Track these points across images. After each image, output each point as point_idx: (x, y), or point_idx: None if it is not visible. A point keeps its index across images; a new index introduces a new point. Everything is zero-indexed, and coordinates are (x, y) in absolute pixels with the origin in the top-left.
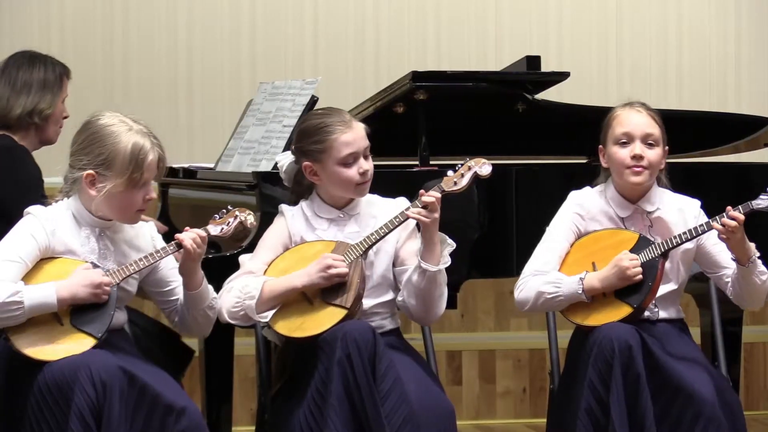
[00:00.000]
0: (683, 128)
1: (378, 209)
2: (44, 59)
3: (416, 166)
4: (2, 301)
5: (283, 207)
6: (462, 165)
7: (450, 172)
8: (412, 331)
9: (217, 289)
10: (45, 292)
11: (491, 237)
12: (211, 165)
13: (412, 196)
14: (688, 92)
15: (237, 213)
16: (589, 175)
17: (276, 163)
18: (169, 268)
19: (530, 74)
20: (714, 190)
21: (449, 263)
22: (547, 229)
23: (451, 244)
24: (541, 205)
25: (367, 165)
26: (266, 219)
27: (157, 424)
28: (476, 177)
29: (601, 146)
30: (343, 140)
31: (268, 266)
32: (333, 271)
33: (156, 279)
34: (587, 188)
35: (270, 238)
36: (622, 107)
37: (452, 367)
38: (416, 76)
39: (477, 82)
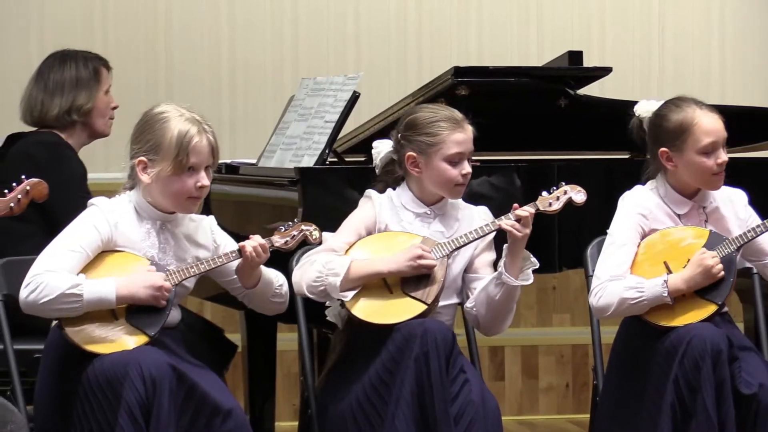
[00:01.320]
0: (735, 123)
1: (462, 213)
2: (75, 56)
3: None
4: (61, 293)
5: (372, 192)
6: (558, 188)
7: (545, 193)
8: (454, 326)
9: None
10: (105, 288)
11: (533, 233)
12: (254, 161)
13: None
14: (731, 87)
15: (303, 227)
16: (630, 171)
17: (320, 157)
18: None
19: (572, 69)
20: (755, 184)
21: (530, 281)
22: (610, 232)
23: (533, 263)
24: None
25: (469, 168)
26: (308, 214)
27: (204, 423)
28: (570, 202)
29: (665, 149)
30: (454, 138)
31: (350, 247)
32: (422, 261)
33: (219, 271)
34: (639, 187)
35: (355, 220)
36: (693, 112)
37: (495, 362)
38: (458, 71)
39: (519, 78)
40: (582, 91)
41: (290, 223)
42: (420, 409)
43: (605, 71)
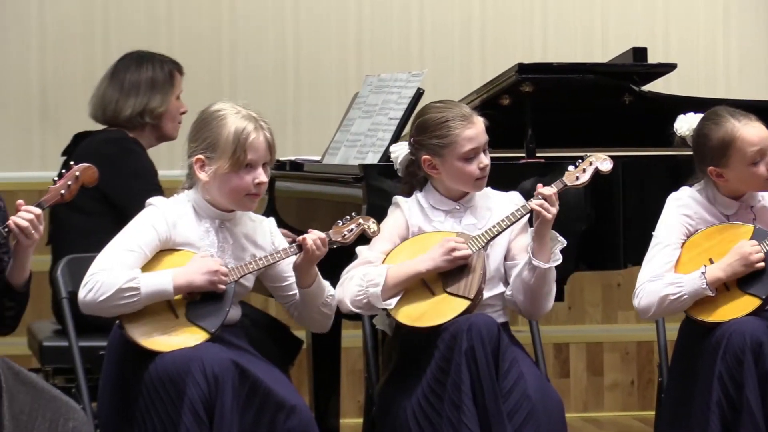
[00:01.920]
0: None
1: (493, 202)
2: (152, 58)
3: (522, 158)
4: (119, 287)
5: (399, 198)
6: (583, 160)
7: (571, 167)
8: (519, 323)
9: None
10: (162, 279)
11: (598, 229)
12: (318, 158)
13: (516, 188)
14: None
15: (360, 220)
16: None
17: (384, 154)
18: (287, 263)
19: (637, 66)
20: None
21: (560, 261)
22: (655, 233)
23: (561, 242)
24: (648, 197)
25: (486, 160)
26: (372, 212)
27: (268, 420)
28: (597, 172)
29: (713, 167)
30: (465, 136)
31: (386, 256)
32: (457, 253)
33: (274, 274)
34: (686, 188)
35: (387, 229)
36: (732, 126)
37: (559, 359)
38: (522, 68)
39: (583, 74)
40: (647, 88)
41: (348, 217)
42: (474, 405)
43: (670, 67)
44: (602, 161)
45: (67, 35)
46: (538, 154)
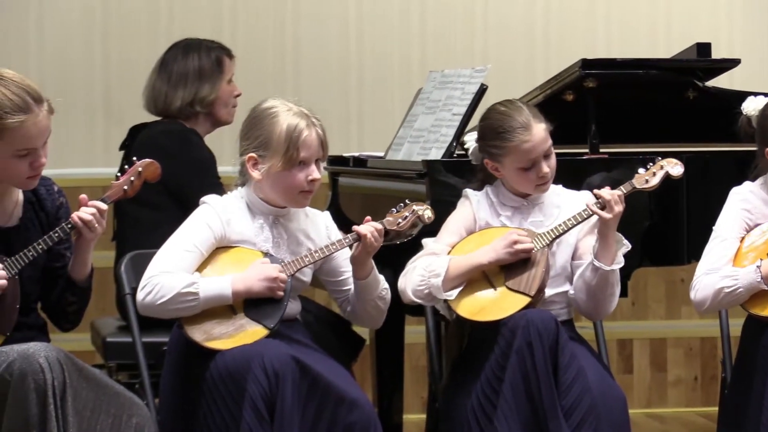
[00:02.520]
0: None
1: (562, 200)
2: (199, 46)
3: (585, 154)
4: (178, 292)
5: (468, 192)
6: (654, 163)
7: (641, 170)
8: (582, 319)
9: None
10: (221, 284)
11: (662, 225)
12: (381, 153)
13: (580, 184)
14: None
15: (414, 207)
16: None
17: (448, 150)
18: (343, 258)
19: (700, 61)
20: None
21: (622, 264)
22: (715, 228)
23: (626, 245)
24: (712, 193)
25: (546, 167)
26: (436, 207)
27: (329, 414)
28: (667, 177)
29: None
30: (523, 149)
31: (452, 249)
32: (519, 246)
33: (330, 268)
34: (747, 183)
35: (454, 222)
36: None
37: (623, 355)
38: (586, 63)
39: (647, 70)
40: (710, 83)
41: (402, 204)
42: (528, 400)
43: (733, 63)
44: (673, 166)
45: (131, 31)
46: (601, 150)
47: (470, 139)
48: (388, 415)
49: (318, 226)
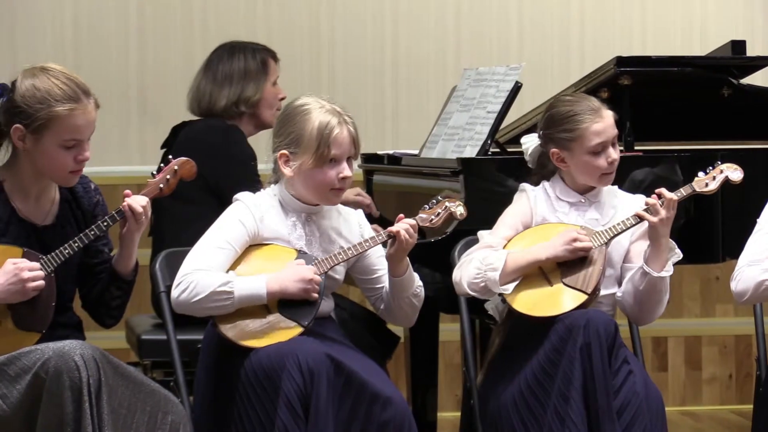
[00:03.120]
0: None
1: (619, 201)
2: (244, 48)
3: (621, 151)
4: (212, 291)
5: (526, 186)
6: (713, 167)
7: (701, 173)
8: (617, 317)
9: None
10: (255, 284)
11: (697, 223)
12: (416, 151)
13: (615, 182)
14: None
15: (447, 203)
16: None
17: (482, 148)
18: (377, 256)
19: (735, 59)
20: None
21: (671, 272)
22: (759, 220)
23: (677, 254)
24: (746, 190)
25: (615, 154)
26: (471, 205)
27: (363, 412)
28: (727, 181)
29: None
30: (593, 130)
31: (507, 242)
32: (578, 244)
33: (363, 266)
34: None
35: (511, 216)
36: None
37: (658, 353)
38: (621, 61)
39: (682, 67)
40: (745, 81)
41: (434, 200)
42: (583, 401)
43: None
44: (733, 171)
45: (165, 32)
46: (636, 148)
47: (528, 140)
48: (422, 413)
49: (351, 224)
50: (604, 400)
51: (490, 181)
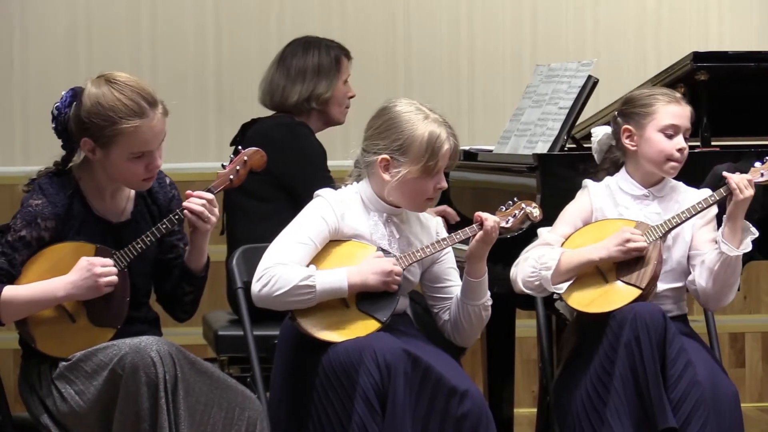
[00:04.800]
0: None
1: (683, 196)
2: (319, 44)
3: (697, 147)
4: (295, 284)
5: (588, 182)
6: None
7: (757, 163)
8: (694, 313)
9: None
10: (337, 277)
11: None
12: (492, 147)
13: (691, 178)
14: None
15: (523, 205)
16: None
17: (555, 144)
18: (448, 266)
19: None
20: None
21: (748, 250)
22: None
23: (753, 233)
24: None
25: (684, 144)
26: (546, 201)
27: (441, 406)
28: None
29: None
30: (669, 110)
31: (566, 240)
32: (631, 245)
33: (435, 274)
34: None
35: (570, 212)
36: None
37: (735, 349)
38: (697, 56)
39: (759, 63)
40: None
41: (510, 202)
42: (636, 393)
43: None
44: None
45: (242, 29)
46: (713, 143)
47: (597, 132)
48: (498, 409)
49: (429, 231)
50: (656, 393)
51: (565, 176)
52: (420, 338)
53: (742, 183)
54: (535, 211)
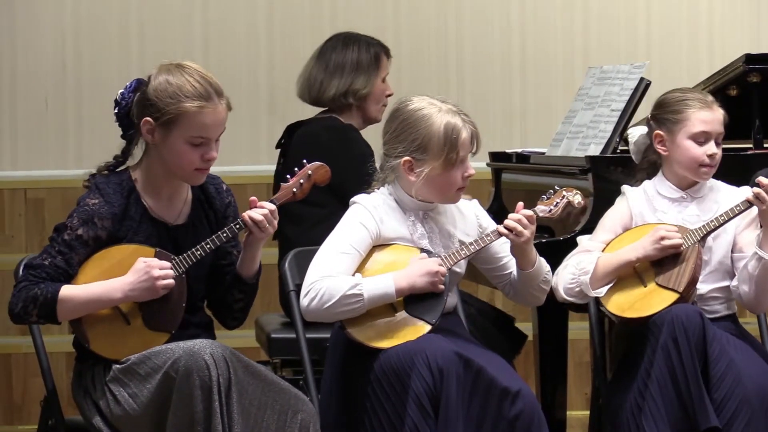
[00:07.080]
0: None
1: (722, 196)
2: (359, 40)
3: (750, 149)
4: (342, 295)
5: (626, 188)
6: None
7: None
8: (746, 314)
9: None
10: (384, 283)
11: None
12: (544, 150)
13: (743, 180)
14: None
15: (564, 193)
16: None
17: (607, 146)
18: (500, 243)
19: None
20: None
21: None
22: None
23: None
24: None
25: (717, 150)
26: (600, 203)
27: (494, 407)
28: None
29: None
30: (700, 116)
31: (606, 246)
32: (667, 242)
33: (486, 256)
34: None
35: (610, 219)
36: None
37: None
38: (750, 58)
39: None
40: None
41: (551, 191)
42: (677, 395)
43: None
44: None
45: (295, 30)
46: (766, 145)
47: (634, 132)
48: (551, 411)
49: (467, 216)
50: (697, 392)
51: (618, 178)
52: (470, 339)
53: (762, 194)
54: (577, 198)
